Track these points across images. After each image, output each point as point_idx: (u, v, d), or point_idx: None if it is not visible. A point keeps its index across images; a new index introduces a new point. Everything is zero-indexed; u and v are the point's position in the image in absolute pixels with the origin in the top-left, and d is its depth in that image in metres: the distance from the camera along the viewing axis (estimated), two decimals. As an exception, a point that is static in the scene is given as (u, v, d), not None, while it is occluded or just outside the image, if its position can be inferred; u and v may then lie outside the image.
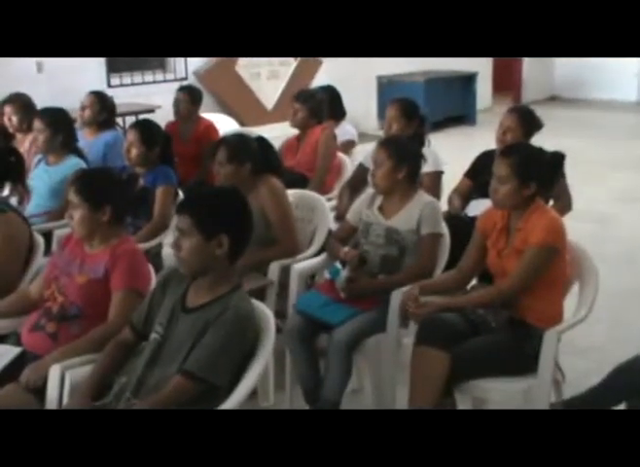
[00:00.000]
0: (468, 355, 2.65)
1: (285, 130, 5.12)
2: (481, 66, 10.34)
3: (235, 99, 7.96)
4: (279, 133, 5.31)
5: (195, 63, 7.71)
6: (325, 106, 4.71)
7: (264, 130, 5.47)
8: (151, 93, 7.10)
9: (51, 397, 2.35)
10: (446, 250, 3.15)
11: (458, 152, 5.00)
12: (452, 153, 5.07)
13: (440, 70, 9.81)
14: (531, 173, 2.74)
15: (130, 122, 5.16)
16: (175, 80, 7.40)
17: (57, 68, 6.39)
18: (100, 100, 4.62)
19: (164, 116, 5.52)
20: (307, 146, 4.53)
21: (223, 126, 5.82)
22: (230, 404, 2.16)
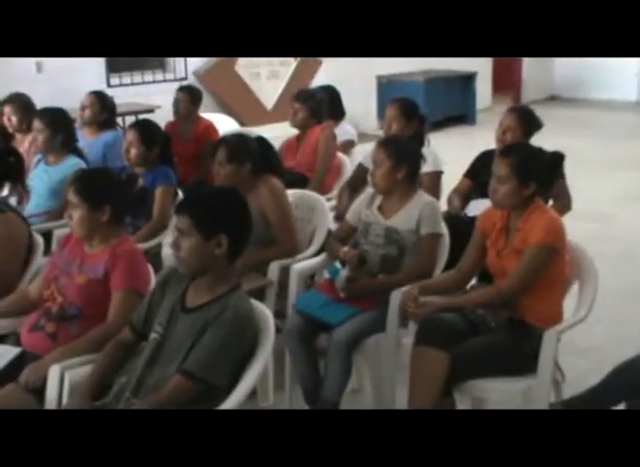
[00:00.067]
0: (467, 355, 2.65)
1: (285, 130, 5.12)
2: (481, 66, 10.34)
3: (235, 99, 7.95)
4: (279, 133, 5.30)
5: (194, 63, 7.70)
6: (325, 106, 4.70)
7: (263, 130, 5.47)
8: (150, 93, 7.10)
9: (50, 397, 2.35)
10: (446, 250, 3.15)
11: (458, 152, 5.00)
12: (452, 152, 5.06)
13: (439, 70, 9.81)
14: (531, 173, 2.73)
15: (130, 122, 5.15)
16: (175, 80, 7.40)
17: (57, 68, 6.39)
18: (100, 100, 4.62)
19: (164, 116, 5.52)
20: (307, 146, 4.53)
21: (222, 126, 5.82)
22: (229, 404, 2.16)
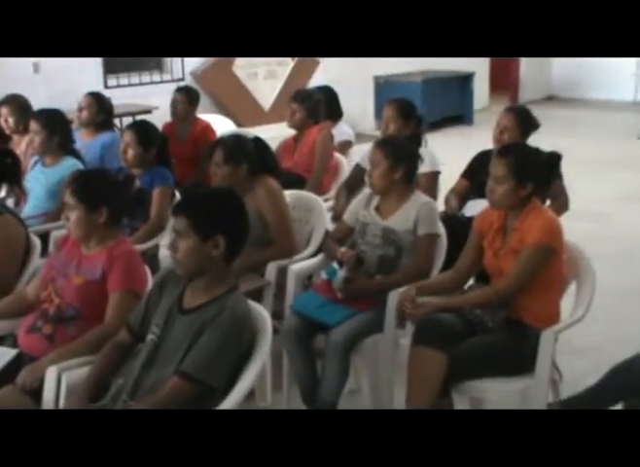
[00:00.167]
0: (465, 355, 2.65)
1: (282, 131, 5.11)
2: (479, 66, 10.34)
3: (233, 100, 7.94)
4: (276, 134, 5.30)
5: (192, 64, 7.70)
6: (322, 106, 4.70)
7: (261, 131, 5.48)
8: (148, 94, 7.09)
9: (47, 399, 2.35)
10: (443, 250, 3.15)
11: (455, 152, 5.00)
12: (450, 153, 5.06)
13: (437, 70, 9.81)
14: (528, 173, 2.74)
15: (128, 123, 5.15)
16: (172, 81, 7.39)
17: (54, 69, 6.39)
18: (98, 101, 4.61)
19: (162, 117, 5.51)
20: (304, 147, 4.52)
21: (220, 127, 5.81)
22: (227, 404, 2.16)
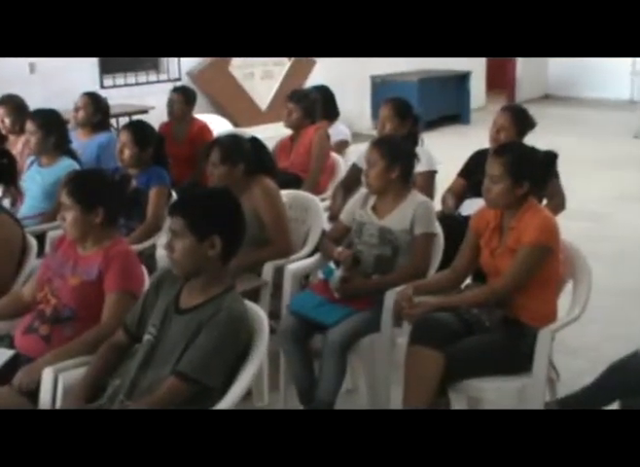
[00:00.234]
0: (462, 355, 2.65)
1: (279, 131, 5.11)
2: (475, 65, 10.35)
3: (229, 100, 7.94)
4: (273, 134, 5.30)
5: (188, 64, 7.69)
6: (318, 106, 4.70)
7: (257, 131, 5.48)
8: (144, 94, 7.09)
9: (44, 400, 2.34)
10: (440, 250, 3.15)
11: (452, 151, 4.99)
12: (446, 152, 5.06)
13: (433, 69, 9.81)
14: (524, 172, 2.74)
15: (124, 123, 5.14)
16: (169, 80, 7.39)
17: (50, 69, 6.37)
18: (94, 101, 4.61)
19: (158, 117, 5.51)
20: (301, 146, 4.52)
21: (216, 127, 5.81)
22: (224, 404, 2.16)
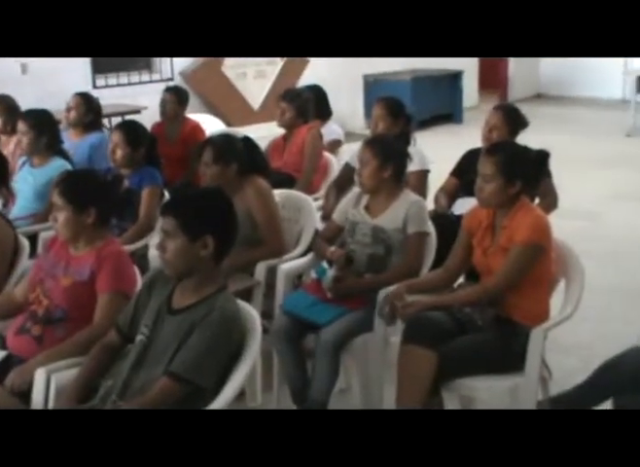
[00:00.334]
0: (455, 354, 2.66)
1: (271, 130, 5.11)
2: (468, 64, 10.35)
3: (222, 99, 7.93)
4: (265, 133, 5.30)
5: (181, 64, 7.68)
6: (311, 106, 4.70)
7: (250, 130, 5.47)
8: (137, 94, 7.07)
9: (36, 401, 2.34)
10: (433, 249, 3.16)
11: (445, 150, 5.00)
12: (439, 151, 5.06)
13: (426, 68, 9.81)
14: (516, 171, 2.74)
15: (117, 123, 5.13)
16: (161, 80, 7.37)
17: (42, 69, 6.35)
18: (86, 102, 4.60)
19: (151, 117, 5.50)
20: (294, 146, 4.52)
21: (209, 127, 5.80)
22: (217, 404, 2.16)
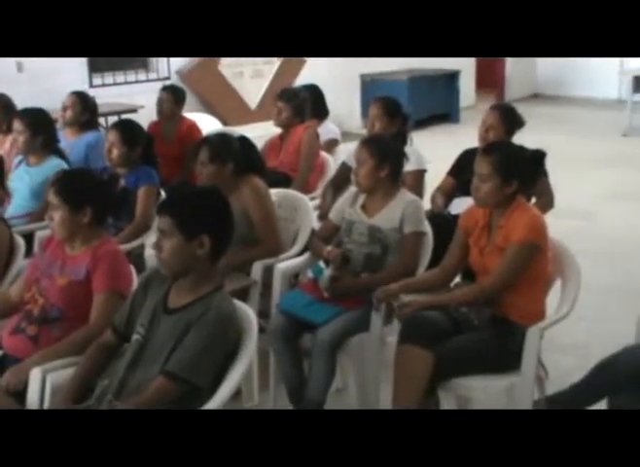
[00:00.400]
0: (451, 354, 2.66)
1: (268, 129, 5.10)
2: (465, 64, 10.36)
3: (219, 99, 7.92)
4: (262, 132, 5.29)
5: (177, 63, 7.66)
6: (308, 105, 4.70)
7: (247, 130, 5.45)
8: (133, 93, 7.05)
9: (31, 400, 2.34)
10: (429, 248, 3.16)
11: (442, 150, 5.00)
12: (436, 151, 5.08)
13: (423, 68, 9.82)
14: (512, 171, 2.74)
15: (113, 122, 5.12)
16: (158, 79, 7.36)
17: (38, 68, 6.33)
18: (82, 101, 4.58)
19: (147, 116, 5.49)
20: (290, 145, 4.52)
21: (206, 126, 5.80)
22: (213, 404, 2.15)
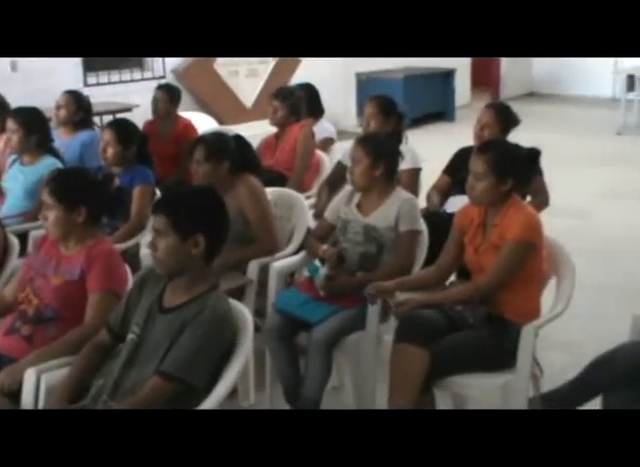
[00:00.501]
0: (447, 352, 2.66)
1: (264, 128, 5.10)
2: (460, 63, 10.36)
3: (214, 98, 7.91)
4: (258, 131, 5.29)
5: (173, 62, 7.65)
6: (303, 104, 4.70)
7: (242, 129, 5.46)
8: (129, 92, 7.04)
9: (26, 401, 2.33)
10: (425, 247, 3.16)
11: (437, 148, 5.00)
12: (431, 149, 5.07)
13: (418, 67, 9.82)
14: (507, 169, 2.74)
15: (108, 121, 5.11)
16: (153, 78, 7.35)
17: (32, 67, 6.31)
18: (76, 100, 4.57)
19: (143, 115, 5.48)
20: (286, 144, 4.52)
21: (201, 125, 5.79)
22: (209, 403, 2.15)
